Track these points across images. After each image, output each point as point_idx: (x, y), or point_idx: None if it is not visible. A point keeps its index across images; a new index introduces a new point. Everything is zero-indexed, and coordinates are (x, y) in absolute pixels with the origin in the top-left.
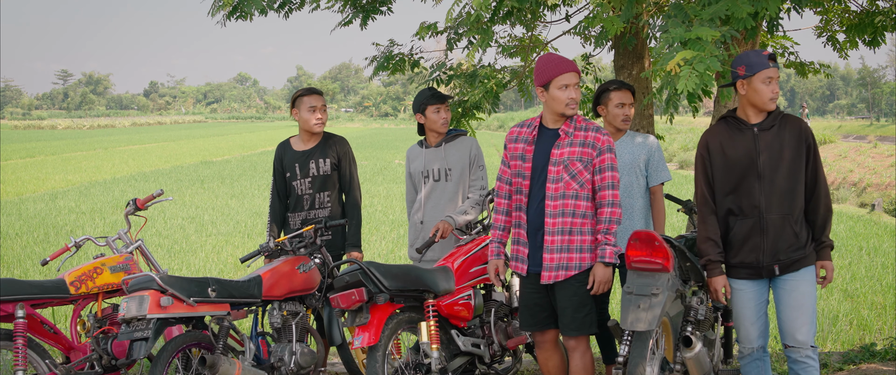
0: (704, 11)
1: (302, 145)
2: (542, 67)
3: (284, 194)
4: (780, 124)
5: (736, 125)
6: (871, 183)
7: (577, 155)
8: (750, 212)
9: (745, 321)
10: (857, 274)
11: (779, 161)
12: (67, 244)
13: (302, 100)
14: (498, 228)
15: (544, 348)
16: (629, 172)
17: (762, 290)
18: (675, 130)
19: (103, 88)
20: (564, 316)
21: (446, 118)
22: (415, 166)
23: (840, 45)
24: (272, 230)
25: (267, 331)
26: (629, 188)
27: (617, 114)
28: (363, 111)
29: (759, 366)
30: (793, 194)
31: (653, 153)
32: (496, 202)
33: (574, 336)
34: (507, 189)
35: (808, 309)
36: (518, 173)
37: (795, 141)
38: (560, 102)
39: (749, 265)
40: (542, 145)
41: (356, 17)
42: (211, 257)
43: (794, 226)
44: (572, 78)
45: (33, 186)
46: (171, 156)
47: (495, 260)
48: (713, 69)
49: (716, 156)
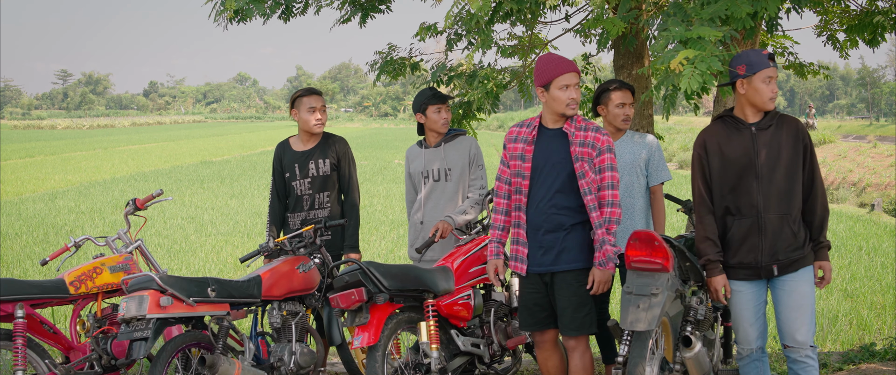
0: (704, 11)
1: (301, 145)
2: (543, 67)
3: (284, 195)
4: (777, 124)
5: (733, 125)
6: (871, 183)
7: (579, 155)
8: (748, 212)
9: (743, 322)
10: (857, 274)
11: (777, 161)
12: (67, 244)
13: (301, 100)
14: (497, 228)
15: (544, 348)
16: (629, 171)
17: (761, 291)
18: (674, 130)
19: (103, 88)
20: (564, 316)
21: (447, 118)
22: (414, 167)
23: (840, 45)
24: (272, 231)
25: (266, 331)
26: (630, 188)
27: (617, 114)
28: (363, 111)
29: (758, 367)
30: (791, 194)
31: (653, 153)
32: (495, 202)
33: (574, 335)
34: (506, 189)
35: (807, 310)
36: (518, 172)
37: (793, 141)
38: (561, 103)
39: (748, 266)
40: (542, 146)
41: (355, 15)
42: (210, 257)
43: (792, 226)
44: (573, 78)
45: (33, 186)
46: (170, 156)
47: (495, 260)
48: (714, 69)
49: (713, 155)
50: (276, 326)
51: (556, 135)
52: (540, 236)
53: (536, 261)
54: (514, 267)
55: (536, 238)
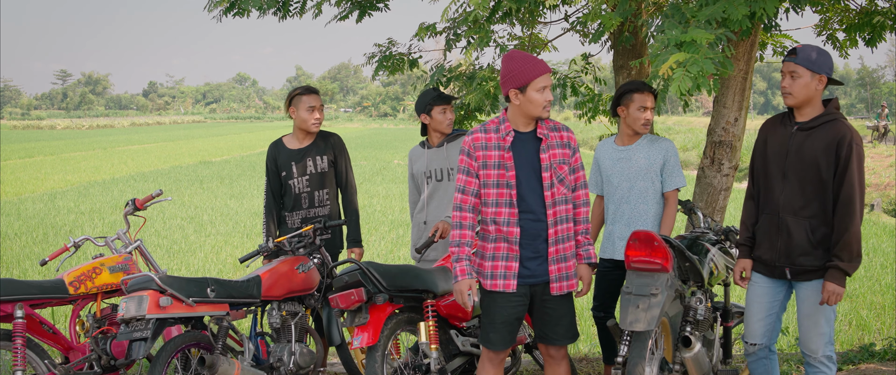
0: (701, 13)
1: (297, 143)
2: (518, 68)
3: (279, 194)
4: (822, 127)
5: (784, 121)
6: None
7: (559, 158)
8: (770, 209)
9: (753, 315)
10: (856, 274)
11: (803, 164)
12: (66, 245)
13: (301, 99)
14: (465, 244)
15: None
16: (644, 176)
17: (778, 290)
18: (674, 130)
19: (102, 88)
20: (560, 326)
21: (451, 119)
22: (417, 167)
23: (839, 45)
24: (270, 231)
25: (266, 331)
26: (644, 194)
27: (638, 117)
28: (362, 111)
29: (765, 365)
30: (811, 201)
31: (669, 158)
32: (461, 217)
33: (566, 344)
34: (473, 202)
35: (819, 321)
36: (499, 183)
37: (826, 147)
38: (538, 105)
39: (765, 262)
40: (518, 151)
41: (352, 12)
42: (210, 257)
43: (809, 234)
44: (549, 79)
45: (32, 186)
46: (170, 156)
47: (469, 280)
48: (707, 71)
49: (760, 147)
50: (275, 326)
51: (530, 138)
52: (537, 244)
53: (531, 271)
54: (492, 286)
55: (533, 247)
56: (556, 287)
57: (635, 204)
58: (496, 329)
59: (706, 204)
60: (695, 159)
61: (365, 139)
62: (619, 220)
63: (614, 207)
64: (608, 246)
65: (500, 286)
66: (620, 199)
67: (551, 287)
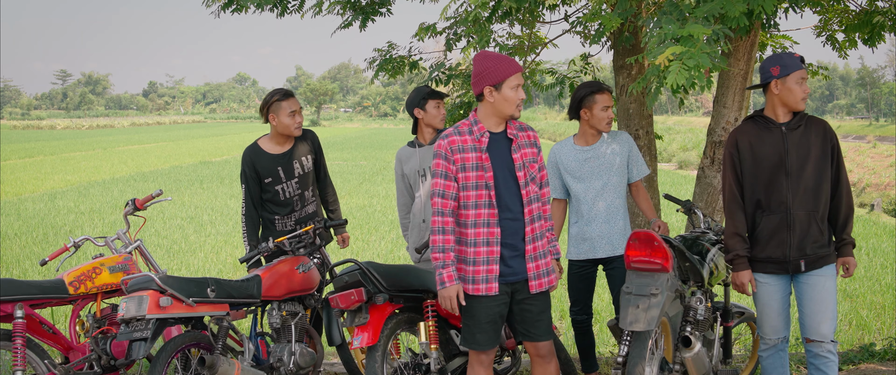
0: (699, 9)
1: (277, 147)
2: (492, 66)
3: (259, 202)
4: (806, 125)
5: (764, 124)
6: (871, 183)
7: (530, 157)
8: (777, 208)
9: (772, 312)
10: (857, 274)
11: (806, 160)
12: (66, 245)
13: (280, 105)
14: (449, 249)
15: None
16: (617, 171)
17: (785, 285)
18: (674, 130)
19: (102, 89)
20: (541, 322)
21: (444, 115)
22: (409, 167)
23: (839, 45)
24: (251, 241)
25: (266, 331)
26: (618, 188)
27: (602, 117)
28: (362, 111)
29: (781, 357)
30: (818, 192)
31: (632, 148)
32: (443, 222)
33: (548, 339)
34: (452, 206)
35: (830, 304)
36: (478, 184)
37: (821, 141)
38: (512, 104)
39: (776, 260)
40: (494, 151)
41: (356, 20)
42: (210, 257)
43: (819, 223)
44: (521, 79)
45: (32, 186)
46: (170, 156)
47: (457, 285)
48: (703, 66)
49: (745, 154)
50: (275, 326)
51: (502, 139)
52: (516, 242)
53: (511, 269)
54: (475, 291)
55: (512, 246)
56: (535, 285)
57: (611, 199)
58: (482, 329)
59: (706, 204)
60: (695, 159)
61: (365, 139)
62: (596, 219)
63: (588, 206)
64: (585, 247)
65: (482, 290)
66: (594, 197)
67: (530, 285)
